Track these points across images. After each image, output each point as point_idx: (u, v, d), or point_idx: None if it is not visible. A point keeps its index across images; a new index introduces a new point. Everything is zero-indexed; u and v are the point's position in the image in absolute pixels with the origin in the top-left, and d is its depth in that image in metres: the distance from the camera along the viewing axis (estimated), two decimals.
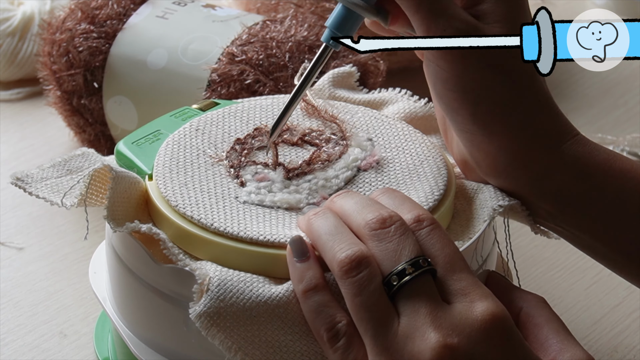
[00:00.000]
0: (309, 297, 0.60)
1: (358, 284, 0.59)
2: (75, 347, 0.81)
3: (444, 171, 0.69)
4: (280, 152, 0.71)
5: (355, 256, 0.59)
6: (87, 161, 0.72)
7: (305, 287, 0.61)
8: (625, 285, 0.87)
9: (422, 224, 0.61)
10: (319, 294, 0.60)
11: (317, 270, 0.61)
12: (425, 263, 0.59)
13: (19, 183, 0.70)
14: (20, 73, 1.13)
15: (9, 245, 0.91)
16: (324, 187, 0.68)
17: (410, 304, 0.58)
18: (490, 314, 0.58)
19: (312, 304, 0.60)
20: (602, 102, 1.14)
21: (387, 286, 0.59)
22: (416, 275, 0.59)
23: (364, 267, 0.59)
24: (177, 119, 0.74)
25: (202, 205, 0.65)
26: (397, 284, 0.59)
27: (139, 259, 0.66)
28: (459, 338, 0.57)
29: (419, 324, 0.58)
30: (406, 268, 0.59)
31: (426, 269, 0.59)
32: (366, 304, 0.59)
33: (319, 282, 0.61)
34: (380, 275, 0.59)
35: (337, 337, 0.59)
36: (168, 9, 0.97)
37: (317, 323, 0.60)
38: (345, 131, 0.72)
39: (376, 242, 0.60)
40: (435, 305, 0.58)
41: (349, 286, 0.59)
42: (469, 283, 0.59)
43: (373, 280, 0.59)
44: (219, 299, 0.61)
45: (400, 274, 0.59)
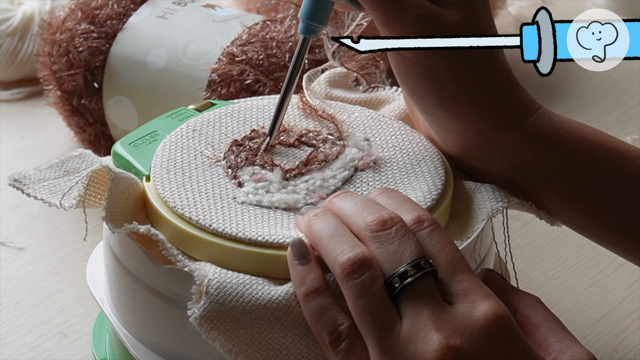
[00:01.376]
0: (310, 300, 0.60)
1: (360, 286, 0.59)
2: (75, 347, 0.81)
3: (442, 170, 0.69)
4: (277, 153, 0.71)
5: (357, 258, 0.59)
6: (85, 162, 0.72)
7: (307, 290, 0.60)
8: (625, 285, 0.87)
9: (423, 225, 0.61)
10: (321, 296, 0.60)
11: (318, 273, 0.61)
12: (427, 264, 0.59)
13: (16, 184, 0.69)
14: (20, 73, 1.13)
15: (9, 245, 0.91)
16: (322, 187, 0.68)
17: (413, 305, 0.58)
18: (493, 315, 0.58)
19: (314, 306, 0.60)
20: (602, 102, 1.14)
21: (388, 288, 0.59)
22: (418, 277, 0.59)
23: (366, 269, 0.59)
24: (174, 120, 0.74)
25: (200, 206, 0.65)
26: (398, 286, 0.59)
27: (137, 259, 0.66)
28: (461, 339, 0.57)
29: (422, 326, 0.58)
30: (408, 270, 0.59)
31: (428, 271, 0.59)
32: (368, 306, 0.58)
33: (320, 284, 0.61)
34: (382, 277, 0.59)
35: (339, 339, 0.59)
36: (168, 9, 0.97)
37: (319, 326, 0.60)
38: (342, 131, 0.72)
39: (377, 244, 0.60)
40: (438, 306, 0.58)
41: (351, 288, 0.59)
42: (471, 284, 0.59)
43: (375, 283, 0.59)
44: (218, 302, 0.61)
45: (402, 275, 0.59)
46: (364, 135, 0.72)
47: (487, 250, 0.69)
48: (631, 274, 0.88)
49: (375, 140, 0.72)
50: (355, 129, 0.72)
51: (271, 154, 0.70)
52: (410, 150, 0.71)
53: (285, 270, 0.62)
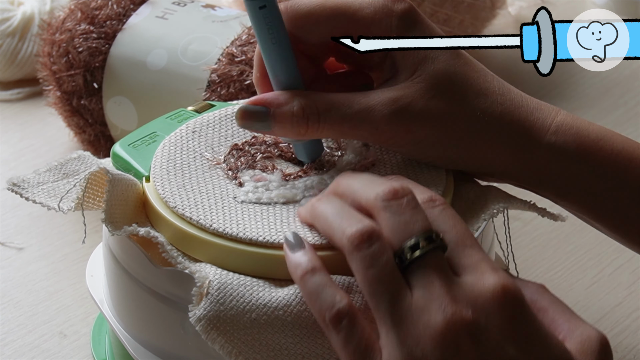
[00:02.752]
0: (307, 280, 0.60)
1: (370, 257, 0.58)
2: (75, 347, 0.81)
3: (442, 172, 0.69)
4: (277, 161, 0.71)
5: (366, 229, 0.59)
6: (84, 164, 0.71)
7: (303, 270, 0.60)
8: (625, 285, 0.87)
9: (435, 203, 0.61)
10: (317, 275, 0.60)
11: (313, 255, 0.61)
12: (438, 238, 0.59)
13: (15, 188, 0.69)
14: (20, 73, 1.13)
15: (9, 245, 0.91)
16: (320, 184, 0.68)
17: (424, 277, 0.58)
18: (502, 286, 0.58)
19: (311, 285, 0.60)
20: (602, 102, 1.14)
21: (398, 259, 0.59)
22: (430, 250, 0.58)
23: (375, 240, 0.59)
24: (173, 121, 0.74)
25: (200, 206, 0.65)
26: (409, 257, 0.58)
27: (136, 261, 0.66)
28: (472, 309, 0.57)
29: (434, 297, 0.57)
30: (420, 241, 0.58)
31: (439, 245, 0.59)
32: (379, 276, 0.58)
33: (316, 264, 0.60)
34: (391, 249, 0.59)
35: (340, 317, 0.58)
36: (168, 9, 0.97)
37: (318, 304, 0.59)
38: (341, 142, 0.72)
39: (388, 213, 0.60)
40: (448, 278, 0.58)
41: (361, 260, 0.58)
42: (480, 258, 0.59)
43: (385, 253, 0.58)
44: (219, 303, 0.61)
45: (414, 247, 0.58)
46: None
47: (487, 250, 0.69)
48: (631, 274, 0.88)
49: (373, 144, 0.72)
50: None
51: (271, 160, 0.70)
52: None
53: (286, 271, 0.62)
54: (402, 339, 0.57)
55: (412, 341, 0.57)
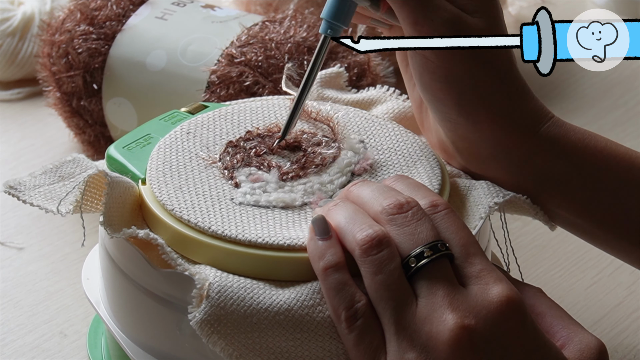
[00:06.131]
0: (329, 275, 0.61)
1: (379, 262, 0.59)
2: (75, 347, 0.81)
3: (438, 171, 0.69)
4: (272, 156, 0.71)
5: (376, 234, 0.60)
6: (79, 167, 0.71)
7: (326, 264, 0.61)
8: (625, 285, 0.87)
9: (438, 208, 0.62)
10: (340, 272, 0.61)
11: (339, 249, 0.61)
12: (444, 247, 0.60)
13: (11, 191, 0.69)
14: (20, 73, 1.13)
15: (9, 245, 0.91)
16: (320, 191, 0.68)
17: (428, 286, 0.59)
18: (506, 297, 0.58)
19: (333, 281, 0.60)
20: (602, 102, 1.14)
21: (404, 268, 0.60)
22: (434, 258, 0.59)
23: (385, 246, 0.60)
24: (167, 123, 0.74)
25: (198, 208, 0.65)
26: (415, 266, 0.59)
27: (134, 263, 0.66)
28: (476, 319, 0.58)
29: (437, 306, 0.58)
30: (424, 251, 0.60)
31: (444, 253, 0.60)
32: (386, 282, 0.59)
33: (340, 260, 0.61)
34: (399, 256, 0.60)
35: (356, 316, 0.60)
36: (167, 10, 0.97)
37: (336, 301, 0.60)
38: (337, 133, 0.72)
39: (394, 226, 0.61)
40: (452, 287, 0.59)
41: (370, 264, 0.60)
42: (484, 267, 0.60)
43: (393, 260, 0.60)
44: (219, 306, 0.61)
45: (419, 256, 0.60)
46: (359, 137, 0.72)
47: (484, 249, 0.69)
48: (631, 274, 0.88)
49: (369, 141, 0.72)
50: (349, 131, 0.72)
51: (266, 155, 0.70)
52: (405, 151, 0.71)
53: (286, 273, 0.62)
54: (405, 347, 0.58)
55: (414, 351, 0.58)
